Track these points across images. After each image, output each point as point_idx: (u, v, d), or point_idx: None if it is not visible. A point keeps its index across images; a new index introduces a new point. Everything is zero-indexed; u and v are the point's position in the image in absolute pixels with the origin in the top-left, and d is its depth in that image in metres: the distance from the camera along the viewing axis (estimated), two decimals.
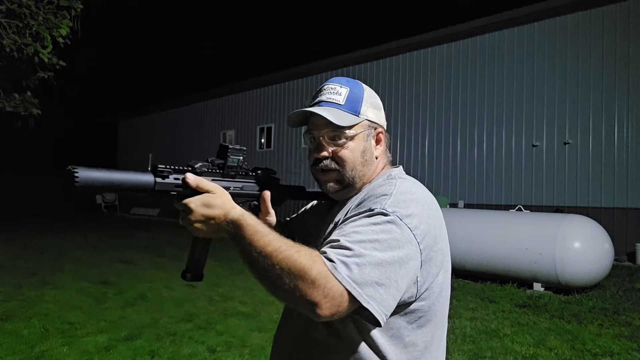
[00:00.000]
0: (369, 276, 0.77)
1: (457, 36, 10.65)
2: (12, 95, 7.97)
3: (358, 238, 0.81)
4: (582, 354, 3.52)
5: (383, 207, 0.85)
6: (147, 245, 9.43)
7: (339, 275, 0.76)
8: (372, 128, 1.02)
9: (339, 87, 1.01)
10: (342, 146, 0.98)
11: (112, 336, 3.77)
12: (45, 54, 7.22)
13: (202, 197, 0.84)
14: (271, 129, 15.09)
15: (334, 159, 0.98)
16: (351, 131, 0.98)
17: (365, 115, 1.00)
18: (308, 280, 0.75)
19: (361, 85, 1.04)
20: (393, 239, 0.81)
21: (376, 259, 0.79)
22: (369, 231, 0.82)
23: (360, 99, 1.01)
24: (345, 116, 0.97)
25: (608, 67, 8.60)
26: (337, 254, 0.79)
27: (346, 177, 0.98)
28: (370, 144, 1.01)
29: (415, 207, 0.87)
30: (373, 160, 1.01)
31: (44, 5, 7.23)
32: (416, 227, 0.85)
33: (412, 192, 0.91)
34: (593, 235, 5.42)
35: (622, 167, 8.36)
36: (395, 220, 0.83)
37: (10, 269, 6.65)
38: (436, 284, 0.90)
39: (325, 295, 0.75)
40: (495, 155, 9.95)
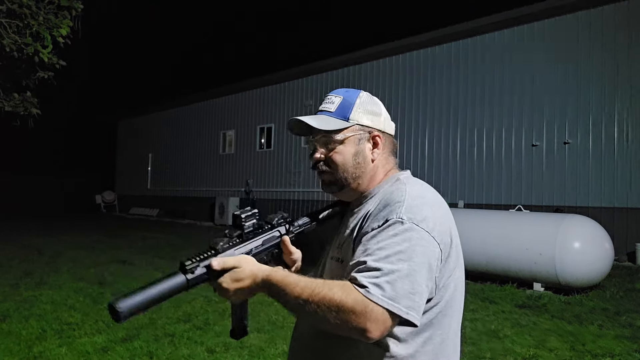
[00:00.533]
0: (403, 290, 0.83)
1: (457, 36, 10.63)
2: (12, 95, 7.96)
3: (383, 255, 0.86)
4: (583, 354, 3.50)
5: (399, 216, 0.90)
6: (145, 245, 9.41)
7: (375, 297, 0.81)
8: (366, 132, 1.07)
9: (334, 97, 1.10)
10: (333, 150, 1.06)
11: (109, 337, 3.75)
12: (45, 53, 7.21)
13: (231, 275, 0.91)
14: (271, 129, 15.07)
15: (326, 162, 1.07)
16: (339, 135, 1.05)
17: (356, 120, 1.06)
18: (348, 311, 0.81)
19: (358, 93, 1.10)
20: (415, 246, 0.87)
21: (404, 271, 0.84)
22: (391, 244, 0.87)
23: (351, 105, 1.07)
24: (332, 121, 1.06)
25: (608, 67, 8.58)
26: (367, 277, 0.84)
27: (338, 179, 1.07)
28: (363, 147, 1.07)
29: (428, 210, 0.93)
30: (368, 162, 1.07)
31: (45, 5, 7.22)
32: (432, 229, 0.91)
33: (422, 196, 0.97)
34: (593, 235, 5.40)
35: (622, 166, 8.34)
36: (412, 228, 0.89)
37: (7, 269, 6.64)
38: (452, 279, 0.97)
39: (369, 319, 0.81)
40: (495, 155, 9.93)
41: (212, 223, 15.55)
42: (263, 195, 14.89)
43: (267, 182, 14.90)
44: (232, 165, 16.36)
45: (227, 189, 16.19)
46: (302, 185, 13.77)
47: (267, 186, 14.86)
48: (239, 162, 16.05)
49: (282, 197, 14.32)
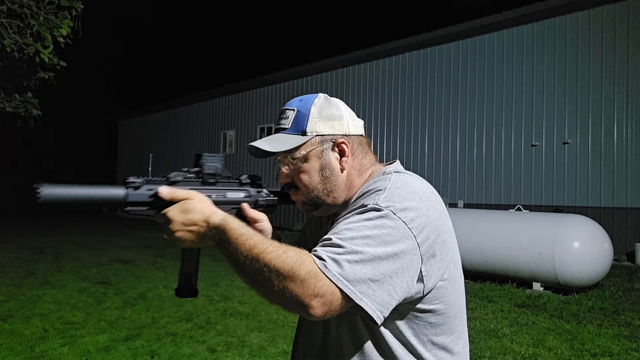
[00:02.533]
0: (361, 273, 0.75)
1: (457, 36, 10.66)
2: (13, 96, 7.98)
3: (350, 235, 0.79)
4: (582, 353, 3.52)
5: (376, 202, 0.83)
6: (147, 245, 9.44)
7: (330, 273, 0.74)
8: (328, 141, 0.96)
9: (288, 111, 0.98)
10: (298, 169, 0.96)
11: (112, 336, 3.78)
12: (46, 54, 7.23)
13: (180, 204, 0.82)
14: (271, 129, 15.08)
15: (294, 184, 0.98)
16: (299, 152, 0.94)
17: (315, 131, 0.95)
18: (297, 280, 0.73)
19: (312, 100, 0.98)
20: (387, 234, 0.79)
21: (368, 255, 0.76)
22: (361, 227, 0.80)
23: (305, 116, 0.95)
24: (287, 139, 0.95)
25: (607, 66, 8.60)
26: (328, 251, 0.77)
27: (310, 198, 0.97)
28: (328, 159, 0.96)
29: (411, 200, 0.84)
30: (337, 174, 0.96)
31: (45, 6, 7.23)
32: (412, 220, 0.81)
33: (408, 185, 0.88)
34: (592, 235, 5.42)
35: (621, 166, 8.36)
36: (388, 215, 0.81)
37: (10, 268, 6.66)
38: (446, 277, 0.87)
39: (316, 294, 0.73)
40: (495, 155, 9.95)
41: None
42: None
43: (267, 182, 14.91)
44: (232, 165, 16.38)
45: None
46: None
47: (267, 186, 14.87)
48: (239, 162, 16.07)
49: None
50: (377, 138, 12.07)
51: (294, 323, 4.21)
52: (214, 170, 0.90)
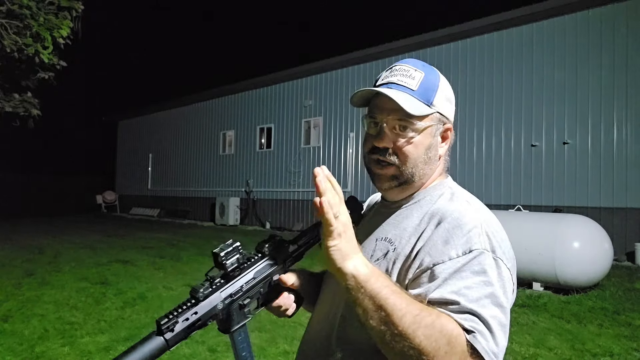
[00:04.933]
0: (500, 339, 0.71)
1: (457, 37, 10.65)
2: (13, 96, 7.98)
3: (475, 296, 0.72)
4: (582, 353, 3.52)
5: (484, 247, 0.76)
6: (146, 245, 9.43)
7: (480, 347, 0.68)
8: (442, 123, 0.90)
9: (413, 70, 0.88)
10: (408, 139, 0.86)
11: (111, 336, 3.77)
12: (45, 54, 7.23)
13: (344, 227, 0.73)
14: (271, 129, 15.08)
15: (395, 152, 0.87)
16: (421, 123, 0.86)
17: (438, 108, 0.88)
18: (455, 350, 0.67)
19: (437, 73, 0.92)
20: (503, 286, 0.75)
21: (499, 318, 0.72)
22: (480, 283, 0.73)
23: (435, 87, 0.88)
24: (417, 104, 0.85)
25: (607, 67, 8.60)
26: (468, 320, 0.70)
27: (405, 174, 0.88)
28: (437, 141, 0.90)
29: (501, 237, 0.81)
30: (436, 159, 0.91)
31: (45, 6, 7.23)
32: (509, 261, 0.79)
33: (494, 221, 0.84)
34: (592, 235, 5.42)
35: (621, 166, 8.36)
36: (498, 264, 0.76)
37: (9, 268, 6.66)
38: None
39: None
40: (494, 155, 9.95)
41: (212, 223, 15.56)
42: (263, 195, 14.91)
43: (267, 182, 14.92)
44: (232, 165, 16.37)
45: (228, 189, 16.21)
46: (302, 185, 13.78)
47: (267, 186, 14.88)
48: (239, 162, 16.07)
49: (282, 197, 14.33)
50: None
51: (294, 323, 4.20)
52: (237, 263, 0.85)
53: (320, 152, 13.41)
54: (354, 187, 12.47)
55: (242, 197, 15.27)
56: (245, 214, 15.06)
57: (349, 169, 12.63)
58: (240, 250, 0.86)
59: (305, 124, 14.02)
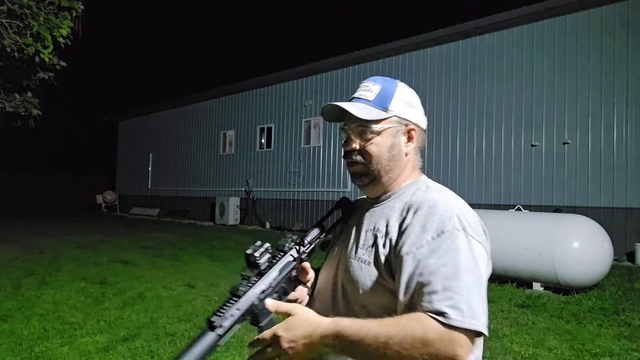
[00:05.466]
0: (477, 306, 0.80)
1: (457, 36, 10.65)
2: (13, 95, 7.98)
3: (450, 271, 0.82)
4: (582, 354, 3.52)
5: (455, 227, 0.88)
6: (146, 245, 9.43)
7: (456, 322, 0.77)
8: (402, 124, 1.03)
9: (371, 85, 1.06)
10: (369, 140, 1.01)
11: (111, 336, 3.77)
12: (45, 54, 7.22)
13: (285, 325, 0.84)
14: (271, 129, 15.08)
15: (361, 153, 1.02)
16: (377, 126, 1.01)
17: (395, 112, 1.02)
18: (434, 343, 0.76)
19: (396, 83, 1.06)
20: (475, 258, 0.86)
21: (473, 286, 0.81)
22: (453, 258, 0.83)
23: (390, 95, 1.03)
24: (371, 111, 1.01)
25: (607, 66, 8.60)
26: (440, 299, 0.79)
27: (371, 170, 1.02)
28: (399, 140, 1.03)
29: (472, 219, 0.93)
30: (402, 156, 1.03)
31: (45, 6, 7.23)
32: (483, 240, 0.91)
33: (463, 205, 0.95)
34: (592, 235, 5.42)
35: (621, 166, 8.35)
36: (470, 240, 0.87)
37: (9, 269, 6.66)
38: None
39: (457, 345, 0.77)
40: (494, 155, 9.95)
41: (212, 223, 15.57)
42: (263, 195, 14.91)
43: (267, 182, 14.92)
44: (232, 165, 16.37)
45: (227, 189, 16.21)
46: (302, 185, 13.78)
47: (267, 186, 14.88)
48: (239, 162, 16.07)
49: (282, 197, 14.34)
50: None
51: None
52: (269, 262, 0.98)
53: (320, 152, 13.41)
54: (354, 186, 12.46)
55: (242, 197, 15.27)
56: (245, 213, 15.06)
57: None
58: (270, 250, 0.99)
59: (305, 124, 14.02)
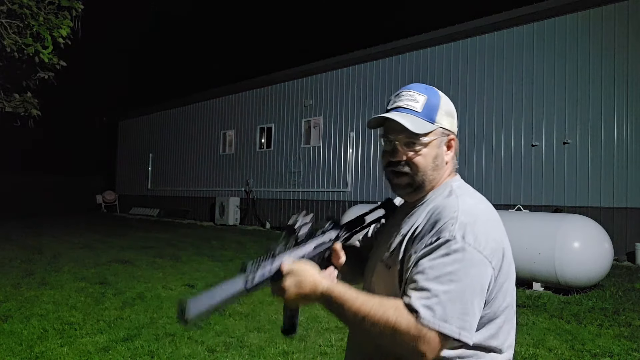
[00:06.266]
0: (453, 311, 0.85)
1: (457, 36, 10.65)
2: (13, 96, 7.97)
3: (433, 275, 0.88)
4: (582, 354, 3.51)
5: (452, 235, 0.91)
6: (146, 245, 9.43)
7: (426, 321, 0.84)
8: (445, 135, 1.07)
9: (417, 95, 1.06)
10: (417, 152, 1.04)
11: (110, 336, 3.77)
12: (45, 54, 7.22)
13: (294, 280, 0.93)
14: (271, 129, 15.08)
15: (407, 164, 1.04)
16: (426, 138, 1.03)
17: (440, 123, 1.05)
18: (402, 333, 0.84)
19: (438, 93, 1.08)
20: (466, 267, 0.89)
21: (454, 292, 0.86)
22: (441, 264, 0.89)
23: (436, 107, 1.05)
24: (422, 123, 1.03)
25: (607, 66, 8.59)
26: (418, 298, 0.87)
27: (417, 181, 1.05)
28: (442, 150, 1.07)
29: (480, 226, 0.94)
30: (443, 165, 1.08)
31: (45, 6, 7.22)
32: (484, 247, 0.92)
33: (473, 213, 0.96)
34: (592, 235, 5.41)
35: (621, 166, 8.35)
36: (464, 248, 0.90)
37: (8, 269, 6.65)
38: (502, 290, 0.97)
39: (422, 342, 0.84)
40: (495, 155, 9.95)
41: (212, 223, 15.56)
42: (263, 195, 14.91)
43: (267, 182, 14.92)
44: (232, 165, 16.37)
45: (227, 189, 16.21)
46: (302, 185, 13.78)
47: (267, 186, 14.88)
48: (239, 162, 16.06)
49: (282, 197, 14.33)
50: (377, 138, 12.07)
51: None
52: (309, 231, 1.06)
53: (321, 152, 13.41)
54: (354, 186, 12.47)
55: (242, 197, 15.27)
56: (245, 213, 15.06)
57: (349, 168, 12.62)
58: (311, 224, 1.06)
59: (305, 124, 14.02)
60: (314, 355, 3.43)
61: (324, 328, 4.04)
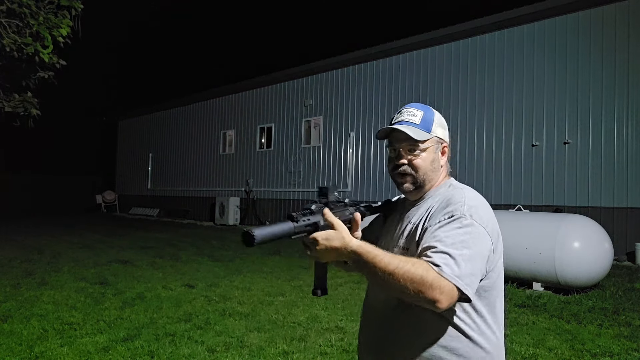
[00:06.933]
0: (466, 270, 1.05)
1: (457, 36, 10.64)
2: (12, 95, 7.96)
3: (450, 242, 1.08)
4: (582, 354, 3.51)
5: (462, 213, 1.14)
6: (145, 245, 9.42)
7: (447, 275, 1.02)
8: (439, 143, 1.31)
9: (415, 111, 1.31)
10: (417, 156, 1.27)
11: (110, 337, 3.77)
12: (45, 53, 7.21)
13: (326, 233, 1.06)
14: (271, 129, 15.08)
15: (410, 166, 1.28)
16: (424, 145, 1.27)
17: (435, 133, 1.30)
18: (427, 285, 1.00)
19: (432, 110, 1.33)
20: (474, 238, 1.10)
21: (467, 255, 1.06)
22: (456, 234, 1.10)
23: (431, 120, 1.30)
24: (420, 132, 1.27)
25: (608, 66, 8.59)
26: (440, 258, 1.05)
27: (418, 180, 1.28)
28: (437, 155, 1.31)
29: (482, 210, 1.18)
30: (439, 168, 1.32)
31: (45, 5, 7.21)
32: (487, 225, 1.15)
33: (476, 199, 1.22)
34: (593, 235, 5.41)
35: (621, 166, 8.35)
36: (473, 223, 1.12)
37: (8, 269, 6.65)
38: (497, 266, 1.21)
39: (442, 292, 1.01)
40: (495, 155, 9.94)
41: (212, 223, 15.56)
42: (263, 195, 14.90)
43: (267, 182, 14.91)
44: (232, 165, 16.37)
45: (227, 189, 16.20)
46: (302, 185, 13.78)
47: (267, 186, 14.87)
48: (239, 162, 16.06)
49: (282, 197, 14.33)
50: (377, 139, 12.05)
51: (293, 323, 4.20)
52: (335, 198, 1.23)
53: (321, 151, 13.40)
54: (354, 186, 12.47)
55: (242, 197, 15.27)
56: (245, 213, 15.05)
57: (349, 168, 12.62)
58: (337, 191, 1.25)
59: (305, 124, 14.02)
60: (314, 355, 3.43)
61: (324, 328, 4.04)
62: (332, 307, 4.73)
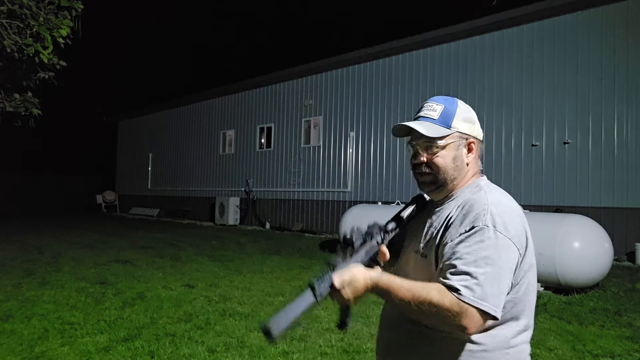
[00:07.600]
0: (491, 290, 0.97)
1: (457, 36, 10.64)
2: (13, 96, 7.97)
3: (471, 259, 1.00)
4: (583, 354, 3.51)
5: (485, 223, 1.04)
6: (146, 245, 9.42)
7: (466, 299, 0.96)
8: (463, 138, 1.20)
9: (435, 105, 1.21)
10: (435, 154, 1.18)
11: (111, 336, 3.77)
12: (45, 54, 7.21)
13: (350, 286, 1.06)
14: (271, 129, 15.07)
15: (428, 165, 1.19)
16: (442, 141, 1.17)
17: (457, 128, 1.19)
18: (445, 311, 0.96)
19: (456, 102, 1.23)
20: (499, 252, 1.01)
21: (490, 274, 0.99)
22: (478, 249, 1.01)
23: (452, 113, 1.20)
24: (437, 129, 1.17)
25: (608, 66, 8.59)
26: (458, 280, 0.99)
27: (439, 179, 1.19)
28: (461, 152, 1.20)
29: (508, 217, 1.07)
30: (464, 166, 1.20)
31: (45, 6, 7.21)
32: (513, 236, 1.06)
33: (502, 204, 1.10)
34: (593, 235, 5.41)
35: (621, 166, 8.34)
36: (497, 235, 1.03)
37: (9, 268, 6.66)
38: (526, 280, 1.11)
39: (464, 317, 0.96)
40: (495, 154, 9.94)
41: (212, 223, 15.55)
42: (263, 195, 14.90)
43: (267, 182, 14.91)
44: (232, 165, 16.37)
45: (227, 189, 16.20)
46: (302, 185, 13.77)
47: (267, 186, 14.87)
48: (239, 162, 16.06)
49: (282, 197, 14.33)
50: (377, 138, 12.06)
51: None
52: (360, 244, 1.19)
53: (320, 151, 13.40)
54: (354, 186, 12.47)
55: (242, 197, 15.27)
56: (245, 213, 15.05)
57: (349, 168, 12.62)
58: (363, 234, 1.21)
59: (305, 124, 14.02)
60: (314, 356, 3.43)
61: (324, 328, 4.04)
62: (332, 307, 4.73)
